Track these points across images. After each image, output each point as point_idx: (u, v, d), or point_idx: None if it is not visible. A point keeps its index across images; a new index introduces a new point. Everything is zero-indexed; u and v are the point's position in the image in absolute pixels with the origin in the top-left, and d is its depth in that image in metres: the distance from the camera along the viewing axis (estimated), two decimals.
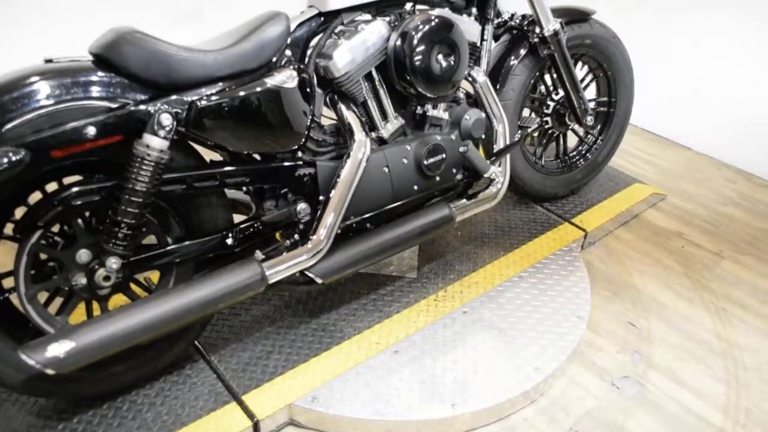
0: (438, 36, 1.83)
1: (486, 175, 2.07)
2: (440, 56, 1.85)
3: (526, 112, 2.50)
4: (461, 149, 2.00)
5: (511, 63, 2.29)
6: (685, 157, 3.38)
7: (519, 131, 2.20)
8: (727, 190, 3.08)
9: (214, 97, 1.55)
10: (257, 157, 1.73)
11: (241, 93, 1.58)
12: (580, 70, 2.57)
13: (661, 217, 2.80)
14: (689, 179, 3.14)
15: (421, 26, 1.81)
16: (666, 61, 3.44)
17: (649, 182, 3.02)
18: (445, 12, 1.97)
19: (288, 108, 1.68)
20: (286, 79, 1.66)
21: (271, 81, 1.63)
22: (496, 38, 2.38)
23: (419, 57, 1.81)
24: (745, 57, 3.14)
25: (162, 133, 1.46)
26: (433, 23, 1.83)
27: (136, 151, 1.46)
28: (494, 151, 2.13)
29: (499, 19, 2.35)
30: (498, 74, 2.29)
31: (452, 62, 1.88)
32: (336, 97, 1.84)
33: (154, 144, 1.46)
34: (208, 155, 1.70)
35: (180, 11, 3.11)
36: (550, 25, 2.22)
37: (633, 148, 3.36)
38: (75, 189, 1.47)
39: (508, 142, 2.12)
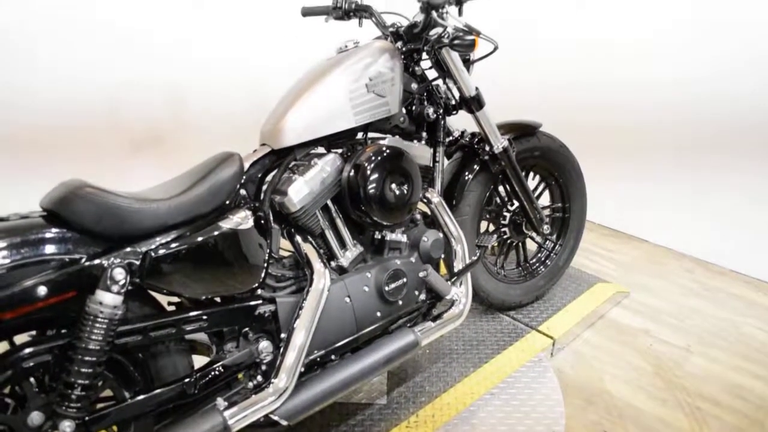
0: (389, 165, 1.88)
1: (448, 297, 2.07)
2: (393, 185, 1.89)
3: (484, 224, 2.54)
4: (421, 274, 2.01)
5: (465, 180, 2.34)
6: (643, 250, 3.45)
7: (477, 250, 2.22)
8: (688, 281, 3.13)
9: (168, 246, 1.54)
10: (216, 299, 1.70)
11: (196, 239, 1.58)
12: (533, 180, 2.65)
13: (626, 316, 2.81)
14: (650, 273, 3.19)
15: (372, 157, 1.86)
16: (616, 158, 3.58)
17: (611, 279, 3.06)
18: (396, 140, 2.03)
19: (245, 248, 1.68)
20: (241, 220, 1.67)
21: (226, 224, 1.64)
22: (448, 156, 2.45)
23: (372, 187, 1.84)
24: (697, 144, 3.26)
25: (115, 288, 1.44)
26: (384, 154, 1.88)
27: (88, 308, 1.42)
28: (454, 271, 2.14)
29: (450, 138, 2.43)
30: (453, 191, 2.34)
31: (405, 190, 1.92)
32: (293, 230, 1.85)
33: (107, 300, 1.43)
34: (166, 299, 1.67)
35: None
36: (499, 142, 2.30)
37: (592, 245, 3.42)
38: (26, 350, 1.42)
39: (467, 261, 2.14)
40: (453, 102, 2.22)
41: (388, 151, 1.89)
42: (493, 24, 2.22)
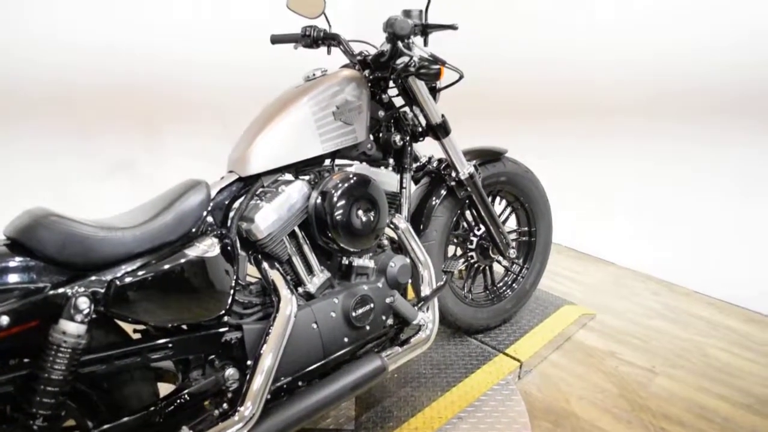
0: (356, 192, 1.90)
1: (414, 323, 2.09)
2: (360, 212, 1.91)
3: (452, 249, 2.58)
4: (388, 300, 2.03)
5: (432, 206, 2.37)
6: (609, 272, 3.52)
7: (444, 275, 2.25)
8: (653, 302, 3.20)
9: (134, 274, 1.54)
10: (183, 326, 1.70)
11: (162, 267, 1.58)
12: (499, 204, 2.70)
13: (592, 338, 2.86)
14: (615, 294, 3.25)
15: (339, 184, 1.88)
16: (583, 181, 3.66)
17: (578, 301, 3.11)
18: (363, 167, 2.06)
19: (211, 276, 1.68)
20: (207, 248, 1.68)
21: (192, 252, 1.64)
22: (416, 181, 2.49)
23: (339, 214, 1.86)
24: (660, 169, 3.37)
25: (79, 317, 1.43)
26: (350, 181, 1.90)
27: (51, 338, 1.41)
28: (420, 296, 2.16)
29: (417, 163, 2.46)
30: (420, 216, 2.38)
31: (372, 216, 1.95)
32: (260, 257, 1.86)
33: (71, 330, 1.42)
34: (132, 327, 1.67)
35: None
36: (465, 168, 2.34)
37: (559, 267, 3.48)
38: None
39: (433, 286, 2.16)
40: (419, 129, 2.26)
41: (354, 178, 1.92)
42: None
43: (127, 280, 1.52)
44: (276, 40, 2.29)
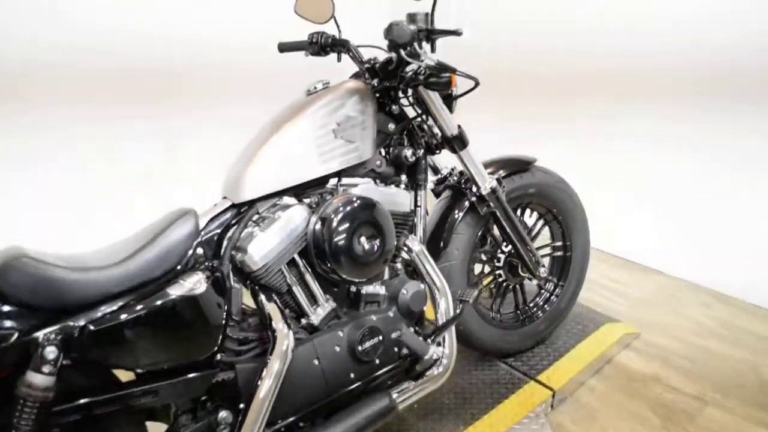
0: (359, 217, 1.74)
1: (426, 357, 1.92)
2: (362, 238, 1.75)
3: (478, 267, 2.40)
4: (393, 335, 1.87)
5: (453, 222, 2.19)
6: (656, 282, 3.26)
7: (460, 304, 2.06)
8: (704, 318, 2.94)
9: (110, 318, 1.42)
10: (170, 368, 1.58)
11: (141, 309, 1.46)
12: (530, 217, 2.49)
13: (635, 359, 2.63)
14: (663, 308, 3.00)
15: (340, 208, 1.73)
16: (630, 181, 3.40)
17: (621, 316, 2.88)
18: (369, 187, 1.89)
19: (198, 315, 1.56)
20: (193, 285, 1.55)
21: (176, 291, 1.52)
22: (437, 194, 2.31)
23: (339, 241, 1.71)
24: (715, 170, 3.08)
25: (46, 368, 1.32)
26: (352, 204, 1.75)
27: (18, 391, 1.31)
28: (433, 327, 1.99)
29: (439, 175, 2.29)
30: (441, 234, 2.20)
31: (376, 244, 1.78)
32: (257, 288, 1.73)
33: (37, 382, 1.31)
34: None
35: None
36: (486, 183, 2.15)
37: (602, 277, 3.24)
38: None
39: (451, 314, 1.98)
40: (435, 141, 2.08)
41: (357, 201, 1.76)
42: None
43: (101, 324, 1.40)
44: (284, 48, 2.15)
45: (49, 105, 2.96)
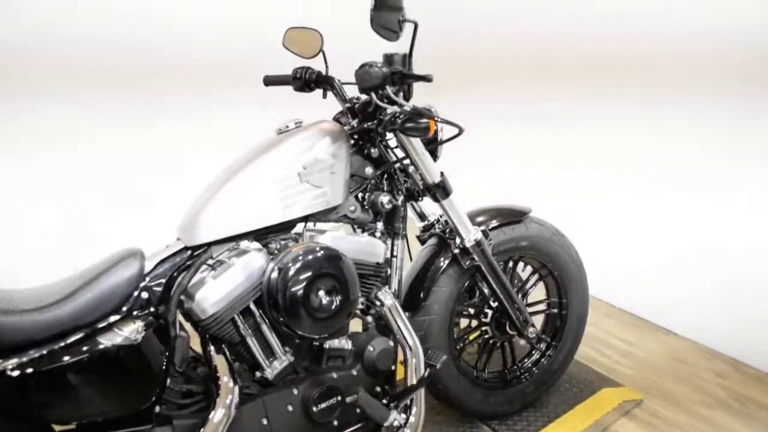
0: (319, 269, 1.61)
1: (386, 425, 1.77)
2: (321, 292, 1.62)
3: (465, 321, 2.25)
4: (348, 399, 1.73)
5: (435, 274, 2.06)
6: (667, 343, 3.05)
7: (428, 369, 1.90)
8: (716, 387, 2.72)
9: (30, 366, 1.33)
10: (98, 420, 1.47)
11: (67, 359, 1.36)
12: (523, 271, 2.34)
13: (634, 430, 2.43)
14: (671, 374, 2.79)
15: (300, 257, 1.61)
16: (641, 230, 3.20)
17: (624, 379, 2.68)
18: (338, 234, 1.77)
19: (134, 365, 1.46)
20: (129, 332, 1.44)
21: (110, 339, 1.42)
22: (422, 242, 2.19)
23: (296, 293, 1.58)
24: (736, 219, 2.87)
25: None
26: (314, 254, 1.62)
27: None
28: (396, 391, 1.84)
29: (425, 222, 2.17)
30: (422, 285, 2.06)
31: (337, 299, 1.65)
32: (207, 337, 1.62)
33: None
34: None
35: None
36: (471, 234, 2.02)
37: (605, 334, 3.05)
38: None
39: (418, 376, 1.83)
40: (416, 188, 1.96)
41: (320, 251, 1.63)
42: None
43: (16, 372, 1.30)
44: (269, 81, 2.07)
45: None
